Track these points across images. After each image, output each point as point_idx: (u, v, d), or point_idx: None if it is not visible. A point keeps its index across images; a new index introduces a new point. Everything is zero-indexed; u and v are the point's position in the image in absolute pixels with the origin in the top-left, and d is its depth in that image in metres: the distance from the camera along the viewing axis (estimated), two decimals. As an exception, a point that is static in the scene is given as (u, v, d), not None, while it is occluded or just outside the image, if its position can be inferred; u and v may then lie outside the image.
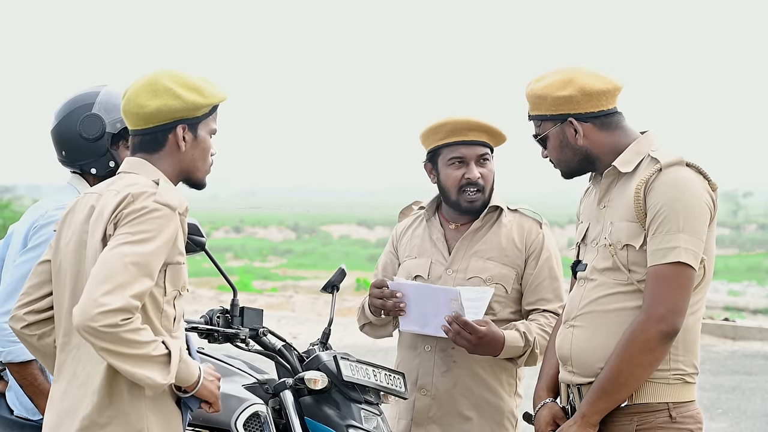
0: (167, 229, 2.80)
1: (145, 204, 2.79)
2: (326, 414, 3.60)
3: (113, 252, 2.74)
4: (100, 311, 2.66)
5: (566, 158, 3.24)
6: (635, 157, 3.16)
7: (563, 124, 3.20)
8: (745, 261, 33.59)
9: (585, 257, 3.25)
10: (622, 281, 3.11)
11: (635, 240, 3.08)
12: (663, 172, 3.06)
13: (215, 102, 3.00)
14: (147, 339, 2.73)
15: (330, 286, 3.98)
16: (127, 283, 2.70)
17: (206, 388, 2.88)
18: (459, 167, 3.88)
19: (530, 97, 3.24)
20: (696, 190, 3.05)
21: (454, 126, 3.86)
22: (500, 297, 3.86)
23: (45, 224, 3.47)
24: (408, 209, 4.20)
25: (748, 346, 11.81)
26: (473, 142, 3.86)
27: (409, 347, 3.95)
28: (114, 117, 3.57)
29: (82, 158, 3.59)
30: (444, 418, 3.88)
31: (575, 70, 3.20)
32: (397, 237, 4.14)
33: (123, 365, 2.71)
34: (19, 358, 3.42)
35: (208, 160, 3.04)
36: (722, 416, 8.34)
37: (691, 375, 3.14)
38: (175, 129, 2.95)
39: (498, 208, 3.95)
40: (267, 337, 3.69)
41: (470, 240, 3.93)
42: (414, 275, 3.95)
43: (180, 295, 2.91)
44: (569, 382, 3.22)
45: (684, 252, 3.00)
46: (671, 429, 3.09)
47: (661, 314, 3.00)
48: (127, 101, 2.97)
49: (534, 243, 3.90)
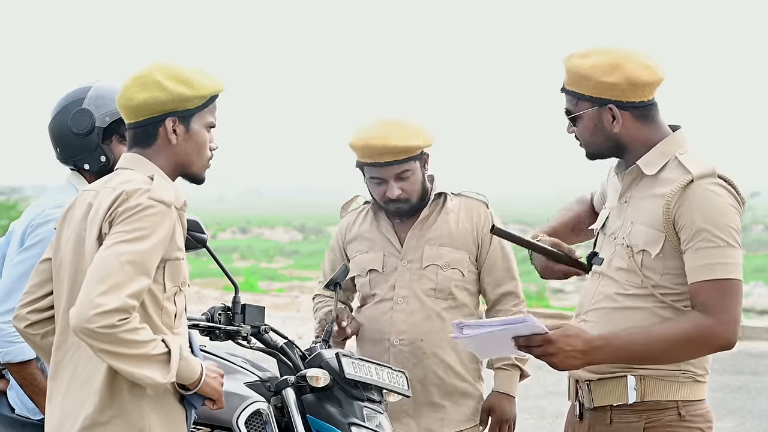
0: (163, 226, 2.77)
1: (139, 201, 2.77)
2: (328, 412, 3.59)
3: (109, 251, 2.72)
4: (96, 312, 2.64)
5: (598, 142, 3.17)
6: (660, 158, 3.11)
7: (601, 108, 3.11)
8: (752, 262, 33.50)
9: (602, 251, 3.22)
10: (636, 284, 3.09)
11: (653, 247, 3.06)
12: (695, 184, 3.02)
13: (206, 93, 2.94)
14: (145, 338, 2.71)
15: (333, 283, 3.97)
16: (123, 283, 2.68)
17: (209, 385, 2.87)
18: (380, 184, 3.94)
19: (572, 73, 3.12)
20: (729, 202, 3.03)
21: (366, 152, 3.87)
22: (457, 281, 3.98)
23: (42, 223, 3.46)
24: (348, 204, 4.24)
25: (754, 346, 11.82)
26: (389, 163, 3.87)
27: (375, 342, 4.01)
28: (103, 111, 3.55)
29: (75, 154, 3.58)
30: (417, 409, 3.97)
31: (624, 55, 3.09)
32: (343, 234, 4.18)
33: (122, 365, 2.69)
34: (18, 358, 3.42)
35: (205, 153, 2.98)
36: (728, 416, 8.32)
37: (702, 375, 3.15)
38: (165, 122, 2.91)
39: (442, 194, 4.03)
40: (269, 335, 3.68)
41: (420, 229, 4.02)
42: (368, 269, 4.03)
43: (180, 290, 2.88)
44: (579, 377, 3.20)
45: (733, 268, 3.00)
46: (680, 427, 3.09)
47: (728, 326, 2.99)
48: (119, 94, 2.95)
49: (485, 225, 4.00)
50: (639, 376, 3.09)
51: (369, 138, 3.85)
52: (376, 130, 3.86)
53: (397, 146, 3.83)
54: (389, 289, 4.02)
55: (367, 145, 3.85)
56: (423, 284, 3.99)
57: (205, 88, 2.93)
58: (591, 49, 3.14)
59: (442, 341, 3.96)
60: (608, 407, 3.14)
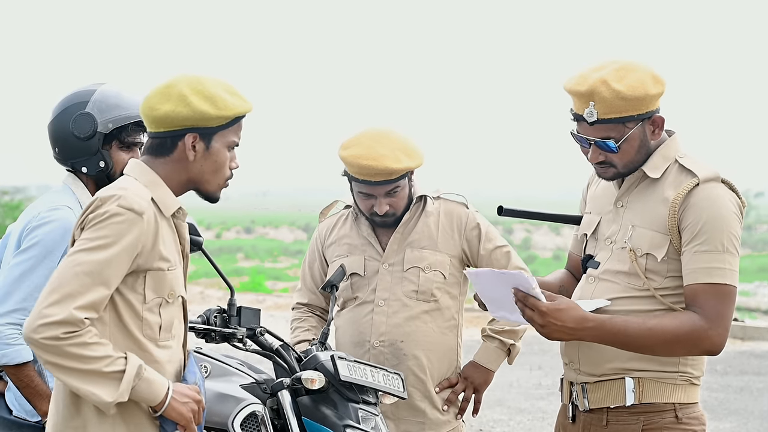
0: (129, 235, 2.69)
1: (107, 208, 2.70)
2: (323, 414, 3.58)
3: (68, 260, 2.67)
4: (41, 323, 2.60)
5: (638, 159, 3.12)
6: (663, 162, 3.12)
7: (645, 122, 3.08)
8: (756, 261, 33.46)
9: (597, 254, 3.22)
10: (638, 286, 3.09)
11: (658, 250, 3.06)
12: (701, 188, 3.03)
13: (230, 114, 2.83)
14: (97, 354, 2.64)
15: (329, 285, 3.97)
16: (76, 293, 2.62)
17: (174, 410, 2.74)
18: (368, 199, 3.95)
19: (614, 100, 3.01)
20: (733, 209, 3.04)
21: (359, 170, 3.86)
22: (439, 283, 3.99)
23: (37, 226, 3.46)
24: (327, 209, 4.24)
25: (757, 347, 11.81)
26: (381, 182, 3.88)
27: (355, 344, 4.01)
28: (106, 117, 3.55)
29: (73, 156, 3.58)
30: (397, 412, 3.98)
31: (644, 65, 3.08)
32: (322, 239, 4.18)
33: (67, 379, 2.64)
34: (15, 360, 3.41)
35: (223, 173, 2.88)
36: (730, 416, 8.32)
37: (698, 378, 3.14)
38: (184, 137, 2.81)
39: (423, 197, 4.04)
40: (264, 337, 3.68)
41: (402, 233, 4.02)
42: (349, 273, 4.03)
43: (167, 302, 2.81)
44: (574, 380, 3.20)
45: (730, 274, 3.00)
46: (677, 429, 3.09)
47: (720, 332, 3.00)
48: (143, 102, 2.87)
49: (467, 225, 4.02)
50: (636, 378, 3.09)
51: (362, 158, 3.83)
52: (369, 149, 3.85)
53: (391, 168, 3.84)
54: (371, 292, 4.02)
55: (361, 165, 3.83)
56: (405, 287, 3.99)
57: (229, 108, 2.83)
58: (610, 70, 3.05)
59: (423, 343, 3.97)
60: (604, 409, 3.14)
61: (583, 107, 3.06)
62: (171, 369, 2.83)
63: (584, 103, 3.05)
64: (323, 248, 4.17)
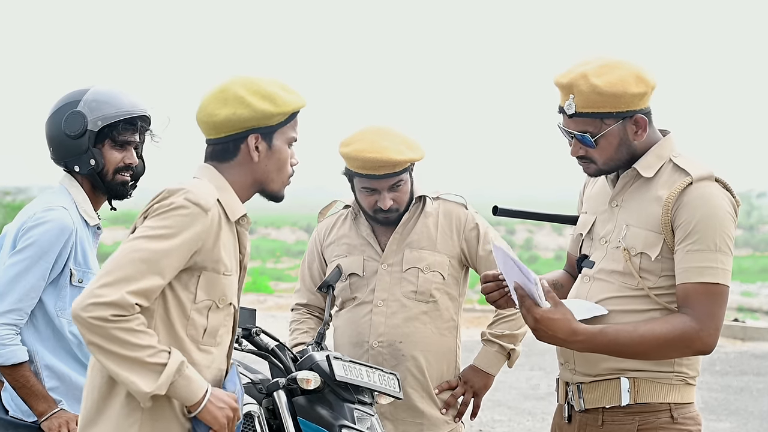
0: (192, 228, 2.68)
1: (174, 200, 2.69)
2: (319, 414, 3.59)
3: (128, 245, 2.66)
4: (91, 302, 2.59)
5: (618, 157, 3.12)
6: (657, 161, 3.11)
7: (625, 121, 3.07)
8: (758, 262, 33.50)
9: (593, 254, 3.21)
10: (632, 286, 3.09)
11: (652, 249, 3.06)
12: (694, 187, 3.02)
13: (289, 110, 2.84)
14: (142, 342, 2.62)
15: (326, 285, 3.98)
16: (130, 278, 2.62)
17: (210, 413, 2.71)
18: (371, 194, 3.95)
19: (590, 94, 3.02)
20: (727, 208, 3.03)
21: (363, 164, 3.86)
22: (438, 284, 3.99)
23: (33, 226, 3.46)
24: (326, 209, 4.25)
25: (757, 347, 11.80)
26: (385, 175, 3.88)
27: (354, 345, 4.01)
28: (97, 115, 3.54)
29: (65, 155, 3.58)
30: (395, 413, 3.98)
31: (631, 64, 3.06)
32: (321, 239, 4.18)
33: (108, 363, 2.63)
34: (10, 360, 3.42)
35: (286, 170, 2.88)
36: (730, 417, 8.32)
37: (693, 378, 3.13)
38: (247, 139, 2.81)
39: (422, 197, 4.04)
40: (260, 337, 3.69)
41: (401, 233, 4.03)
42: (348, 273, 4.03)
43: (217, 306, 2.79)
44: (569, 380, 3.20)
45: (722, 274, 3.00)
46: (673, 429, 3.08)
47: (711, 332, 3.00)
48: (199, 110, 2.86)
49: (466, 226, 4.03)
50: (632, 378, 3.09)
51: (366, 151, 3.84)
52: (371, 143, 3.85)
53: (395, 160, 3.84)
54: (369, 292, 4.02)
55: (365, 158, 3.84)
56: (404, 287, 4.00)
57: (288, 104, 2.84)
58: (594, 66, 3.06)
59: (421, 344, 3.97)
60: (600, 409, 3.14)
61: (564, 99, 3.09)
62: (209, 375, 2.80)
63: (566, 96, 3.08)
64: (322, 248, 4.17)
